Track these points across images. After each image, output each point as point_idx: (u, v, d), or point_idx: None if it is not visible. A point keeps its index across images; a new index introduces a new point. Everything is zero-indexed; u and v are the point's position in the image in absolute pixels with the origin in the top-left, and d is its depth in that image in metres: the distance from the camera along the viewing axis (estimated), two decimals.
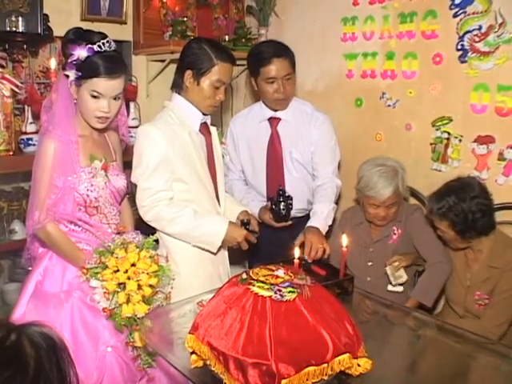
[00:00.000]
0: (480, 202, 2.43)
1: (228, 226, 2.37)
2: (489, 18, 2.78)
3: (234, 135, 3.02)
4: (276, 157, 2.94)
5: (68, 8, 3.13)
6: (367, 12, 3.32)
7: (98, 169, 2.19)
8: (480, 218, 2.42)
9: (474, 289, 2.54)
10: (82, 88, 2.10)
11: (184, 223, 2.34)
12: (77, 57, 2.06)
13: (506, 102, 2.76)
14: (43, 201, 2.12)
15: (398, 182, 2.72)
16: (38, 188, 2.13)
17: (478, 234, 2.47)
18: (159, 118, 2.42)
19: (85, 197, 2.15)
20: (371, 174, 2.73)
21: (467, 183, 2.52)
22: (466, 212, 2.41)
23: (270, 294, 1.51)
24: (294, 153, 2.91)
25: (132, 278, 1.96)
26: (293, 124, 2.91)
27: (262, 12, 3.78)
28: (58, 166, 2.11)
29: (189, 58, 2.38)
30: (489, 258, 2.50)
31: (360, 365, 1.58)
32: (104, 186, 2.20)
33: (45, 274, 2.19)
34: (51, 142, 2.10)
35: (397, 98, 3.25)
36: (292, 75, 2.80)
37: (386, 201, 2.72)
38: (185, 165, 2.37)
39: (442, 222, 2.50)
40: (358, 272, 2.82)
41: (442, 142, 3.05)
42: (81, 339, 2.10)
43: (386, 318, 2.30)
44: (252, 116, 3.00)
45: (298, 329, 1.47)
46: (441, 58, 3.00)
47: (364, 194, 2.78)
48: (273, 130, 2.93)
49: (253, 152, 2.99)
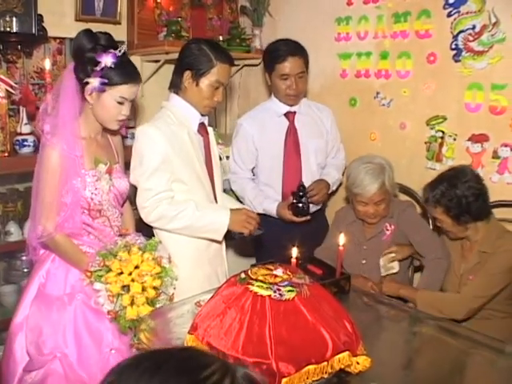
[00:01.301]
0: (472, 186, 2.46)
1: (231, 212, 2.41)
2: (482, 17, 2.79)
3: (247, 134, 3.03)
4: (294, 149, 3.01)
5: (62, 8, 3.13)
6: (361, 12, 3.33)
7: (102, 172, 2.19)
8: (474, 202, 2.44)
9: (466, 275, 2.57)
10: (105, 94, 2.11)
11: (188, 216, 2.34)
12: (104, 64, 2.07)
13: (500, 101, 2.78)
14: (48, 210, 2.11)
15: (385, 178, 2.73)
16: (43, 196, 2.11)
17: (474, 218, 2.48)
18: (158, 118, 2.42)
19: (89, 200, 2.15)
20: (358, 172, 2.76)
21: (459, 170, 2.56)
22: (459, 196, 2.44)
23: (269, 293, 1.52)
24: (312, 143, 3.04)
25: (136, 280, 1.96)
26: (307, 116, 3.05)
27: (255, 12, 3.79)
28: (64, 173, 2.10)
29: (188, 58, 2.39)
30: (480, 244, 2.53)
31: (359, 363, 1.59)
32: (108, 189, 2.20)
33: (47, 276, 2.19)
34: (55, 150, 2.08)
35: (391, 97, 3.26)
36: (305, 73, 2.94)
37: (373, 197, 2.73)
38: (184, 165, 2.37)
39: (437, 209, 2.52)
40: (353, 270, 2.81)
41: (436, 140, 3.06)
42: (84, 342, 2.10)
43: (382, 316, 2.31)
44: (266, 112, 3.05)
45: (298, 328, 1.48)
46: (435, 57, 3.01)
47: (352, 192, 2.80)
48: (290, 123, 3.01)
49: (270, 147, 3.03)
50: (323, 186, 2.96)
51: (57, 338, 2.10)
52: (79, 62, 2.12)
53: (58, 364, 2.07)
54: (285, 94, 2.93)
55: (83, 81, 2.11)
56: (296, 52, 2.87)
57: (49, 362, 2.07)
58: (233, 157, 3.06)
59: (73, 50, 2.16)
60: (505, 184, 2.79)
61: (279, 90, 2.95)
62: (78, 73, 2.12)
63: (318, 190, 2.92)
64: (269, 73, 2.97)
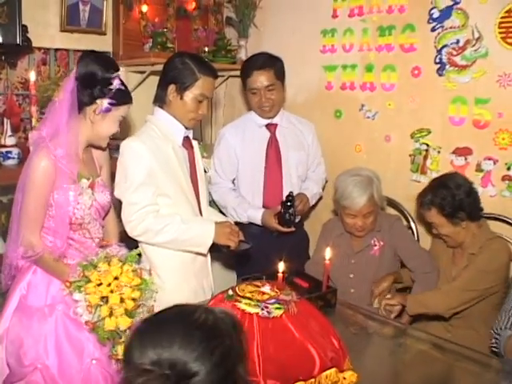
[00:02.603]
0: (462, 184, 2.56)
1: (215, 225, 2.40)
2: (466, 32, 2.83)
3: (228, 144, 3.04)
4: (276, 160, 3.01)
5: (47, 19, 3.11)
6: (346, 24, 3.36)
7: (84, 187, 2.17)
8: (465, 198, 2.52)
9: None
10: (109, 114, 2.14)
11: (173, 230, 2.34)
12: (114, 86, 2.11)
13: (483, 115, 2.81)
14: (33, 223, 2.10)
15: (373, 190, 2.74)
16: (27, 208, 2.09)
17: (468, 215, 2.54)
18: (143, 132, 2.41)
19: (71, 215, 2.13)
20: (346, 184, 2.76)
21: (449, 175, 2.66)
22: (452, 194, 2.51)
23: (256, 310, 1.53)
24: (293, 156, 3.04)
25: (115, 292, 1.95)
26: (289, 129, 3.06)
27: (241, 23, 3.79)
28: (51, 184, 2.08)
29: (172, 72, 2.39)
30: (469, 246, 2.58)
31: (346, 378, 1.60)
32: (90, 204, 2.19)
33: (28, 288, 2.16)
34: (43, 160, 2.06)
35: (376, 109, 3.28)
36: (276, 85, 2.90)
37: (362, 209, 2.73)
38: (169, 179, 2.37)
39: (432, 211, 2.56)
40: (341, 284, 2.81)
41: (420, 153, 3.09)
42: (65, 352, 2.08)
43: (368, 329, 2.32)
44: (248, 124, 3.06)
45: (286, 345, 1.49)
46: (419, 70, 3.04)
47: (340, 204, 2.81)
48: (271, 134, 3.02)
49: (251, 157, 3.03)
50: (306, 198, 2.98)
51: (38, 349, 2.08)
52: (87, 83, 2.11)
53: (38, 375, 2.04)
54: (257, 107, 2.95)
55: (87, 101, 2.11)
56: (263, 66, 2.87)
57: (29, 373, 2.05)
58: (214, 167, 3.06)
59: (82, 72, 2.11)
60: (488, 197, 2.81)
61: (252, 104, 2.98)
62: (82, 94, 2.11)
63: (304, 205, 2.94)
64: (244, 88, 3.03)
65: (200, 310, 1.17)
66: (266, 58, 2.91)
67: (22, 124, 3.04)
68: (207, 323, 1.13)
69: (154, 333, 1.13)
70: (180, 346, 1.08)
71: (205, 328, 1.12)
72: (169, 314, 1.20)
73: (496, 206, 2.80)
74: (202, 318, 1.14)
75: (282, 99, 3.02)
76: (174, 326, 1.14)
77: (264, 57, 2.93)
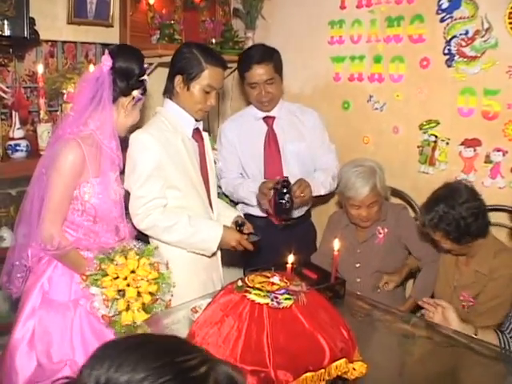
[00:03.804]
0: (470, 206, 2.40)
1: (223, 231, 2.40)
2: (475, 23, 2.81)
3: (229, 138, 3.04)
4: (274, 153, 3.00)
5: (54, 11, 3.10)
6: (354, 16, 3.34)
7: (112, 181, 2.21)
8: (473, 222, 2.38)
9: (459, 290, 2.56)
10: (137, 105, 2.29)
11: (180, 231, 2.34)
12: (145, 77, 2.28)
13: (492, 106, 2.80)
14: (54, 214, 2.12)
15: (376, 180, 2.75)
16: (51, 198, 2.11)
17: (474, 237, 2.44)
18: (152, 124, 2.41)
19: (97, 207, 2.15)
20: (349, 175, 2.78)
21: (454, 189, 2.48)
22: (457, 219, 2.37)
23: (266, 301, 1.52)
24: (292, 147, 3.00)
25: (131, 285, 1.95)
26: (287, 120, 3.02)
27: (248, 15, 3.78)
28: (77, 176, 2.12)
29: (179, 63, 2.38)
30: (477, 262, 2.50)
31: (355, 369, 1.60)
32: (115, 197, 2.21)
33: (50, 284, 2.17)
34: (73, 151, 2.09)
35: (384, 101, 3.27)
36: (275, 79, 2.88)
37: (365, 200, 2.74)
38: (179, 172, 2.37)
39: (437, 233, 2.47)
40: (347, 274, 2.84)
41: (429, 144, 3.08)
42: (92, 347, 2.07)
43: (377, 320, 2.32)
44: (246, 117, 3.06)
45: (296, 335, 1.49)
46: (428, 61, 3.02)
47: (344, 196, 2.82)
48: (269, 127, 3.00)
49: (250, 151, 3.02)
50: (307, 185, 2.73)
51: (64, 346, 2.09)
52: (126, 75, 2.21)
53: (68, 371, 2.05)
54: (256, 101, 2.94)
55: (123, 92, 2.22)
56: (263, 59, 2.83)
57: (60, 370, 2.05)
58: (219, 163, 3.04)
59: (121, 65, 2.19)
60: (497, 188, 2.81)
61: (251, 97, 2.96)
62: (118, 85, 2.19)
63: (303, 189, 2.70)
64: (242, 81, 3.01)
65: (197, 353, 0.91)
66: (265, 51, 2.88)
67: (30, 117, 3.04)
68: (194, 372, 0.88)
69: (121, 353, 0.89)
70: (143, 378, 0.84)
71: (187, 377, 0.86)
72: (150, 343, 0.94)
73: (505, 198, 2.78)
74: (190, 364, 0.88)
75: (280, 92, 3.00)
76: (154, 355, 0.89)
77: (262, 49, 2.90)
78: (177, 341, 0.97)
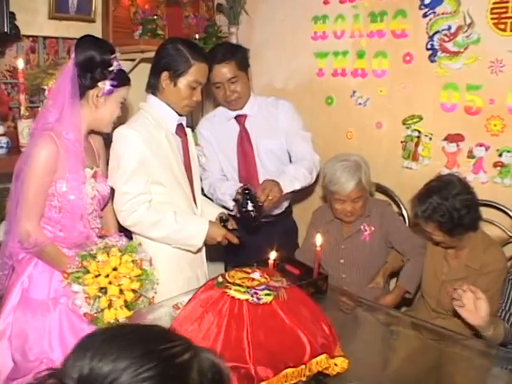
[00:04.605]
0: (463, 198, 2.41)
1: (208, 226, 2.39)
2: (458, 18, 2.81)
3: (206, 138, 3.00)
4: (247, 153, 2.96)
5: (35, 6, 3.07)
6: (338, 11, 3.33)
7: (88, 177, 2.17)
8: (466, 214, 2.39)
9: (448, 284, 2.56)
10: (111, 97, 2.19)
11: (166, 227, 2.34)
12: (114, 67, 2.16)
13: (475, 101, 2.80)
14: (29, 210, 2.08)
15: (361, 175, 2.75)
16: (27, 195, 2.08)
17: (466, 229, 2.45)
18: (136, 120, 2.39)
19: (73, 204, 2.12)
20: (334, 170, 2.77)
21: (448, 181, 2.49)
22: (450, 211, 2.38)
23: (246, 297, 1.52)
24: (266, 144, 2.95)
25: (113, 283, 1.94)
26: (260, 117, 2.95)
27: (232, 10, 3.76)
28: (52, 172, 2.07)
29: (165, 59, 2.37)
30: (467, 257, 2.51)
31: (337, 364, 1.60)
32: (93, 194, 2.19)
33: (30, 281, 2.14)
34: (46, 147, 2.06)
35: (367, 96, 3.27)
36: (239, 77, 2.81)
37: (351, 194, 2.74)
38: (162, 167, 2.35)
39: (429, 225, 2.46)
40: (332, 269, 2.84)
41: (412, 140, 3.08)
42: (70, 345, 2.06)
43: (360, 315, 2.32)
44: (218, 117, 3.01)
45: (275, 331, 1.48)
46: (411, 57, 3.03)
47: (329, 190, 2.81)
48: (241, 127, 2.96)
49: (224, 152, 3.00)
50: (270, 184, 2.58)
51: (42, 344, 2.07)
52: (88, 67, 2.13)
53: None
54: (223, 101, 2.88)
55: (89, 85, 2.14)
56: (223, 58, 2.76)
57: (35, 368, 2.03)
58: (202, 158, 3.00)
59: (81, 57, 2.13)
60: (479, 183, 2.81)
61: (218, 98, 2.91)
62: (83, 78, 2.13)
63: (268, 191, 2.54)
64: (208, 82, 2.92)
65: (179, 341, 0.90)
66: (226, 50, 2.81)
67: (11, 113, 3.01)
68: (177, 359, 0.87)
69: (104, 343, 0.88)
70: (127, 366, 0.83)
71: (170, 364, 0.86)
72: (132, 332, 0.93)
73: (487, 193, 2.79)
74: (172, 352, 0.87)
75: (247, 89, 2.90)
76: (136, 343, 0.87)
77: (224, 48, 2.84)
78: (159, 329, 0.96)
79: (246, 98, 2.91)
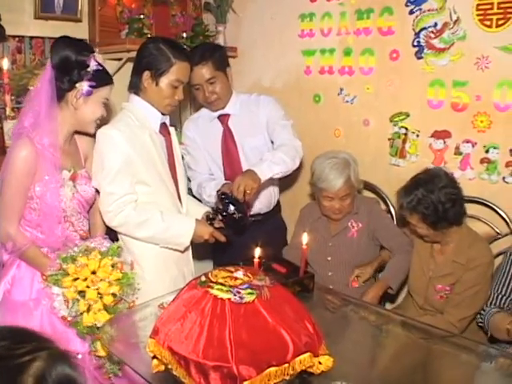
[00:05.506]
0: (448, 192, 2.43)
1: (195, 225, 2.39)
2: (444, 15, 2.82)
3: (191, 138, 2.99)
4: (231, 152, 2.95)
5: (21, 6, 3.04)
6: (325, 8, 3.33)
7: (66, 179, 2.16)
8: (451, 208, 2.42)
9: (435, 281, 2.57)
10: (91, 97, 2.15)
11: (152, 227, 2.33)
12: (91, 68, 2.12)
13: (462, 98, 2.82)
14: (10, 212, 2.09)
15: (350, 172, 2.75)
16: (6, 197, 2.07)
17: (450, 223, 2.47)
18: (119, 120, 2.38)
19: (51, 206, 2.11)
20: (323, 167, 2.77)
21: (434, 174, 2.51)
22: (435, 203, 2.40)
23: (228, 296, 1.51)
24: (251, 142, 2.93)
25: (91, 287, 1.92)
26: (243, 116, 2.93)
27: (219, 9, 3.75)
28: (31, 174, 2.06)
29: (146, 58, 2.36)
30: (453, 252, 2.53)
31: (321, 363, 1.59)
32: (72, 196, 2.17)
33: (13, 282, 2.14)
34: (25, 149, 2.05)
35: (355, 93, 3.27)
36: (217, 77, 2.79)
37: (339, 192, 2.74)
38: (147, 167, 2.35)
39: (413, 216, 2.49)
40: (319, 267, 2.85)
41: (399, 137, 3.09)
42: None
43: (346, 314, 2.32)
44: (202, 118, 3.00)
45: (258, 330, 1.47)
46: (397, 54, 3.03)
47: (317, 187, 2.81)
48: (224, 126, 2.94)
49: (210, 152, 2.99)
50: (245, 178, 2.46)
51: None
52: (64, 69, 2.11)
53: None
54: (203, 102, 2.87)
55: (67, 87, 2.12)
56: (200, 60, 2.73)
57: None
58: (186, 157, 3.00)
59: (56, 59, 2.11)
60: (467, 180, 2.82)
61: (198, 100, 2.90)
62: (60, 80, 2.11)
63: (244, 185, 2.43)
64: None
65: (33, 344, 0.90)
66: (203, 51, 2.79)
67: None
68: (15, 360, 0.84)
69: None
70: None
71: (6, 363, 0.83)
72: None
73: (475, 189, 2.81)
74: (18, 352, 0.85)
75: (227, 89, 2.87)
76: None
77: (201, 49, 2.82)
78: (10, 329, 0.97)
79: (227, 97, 2.89)
